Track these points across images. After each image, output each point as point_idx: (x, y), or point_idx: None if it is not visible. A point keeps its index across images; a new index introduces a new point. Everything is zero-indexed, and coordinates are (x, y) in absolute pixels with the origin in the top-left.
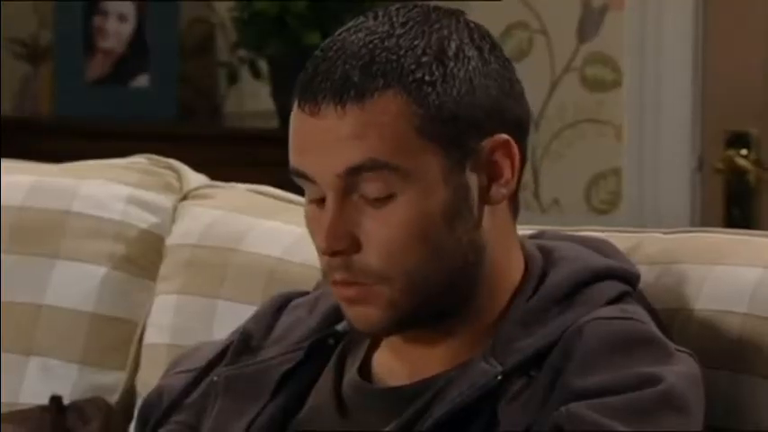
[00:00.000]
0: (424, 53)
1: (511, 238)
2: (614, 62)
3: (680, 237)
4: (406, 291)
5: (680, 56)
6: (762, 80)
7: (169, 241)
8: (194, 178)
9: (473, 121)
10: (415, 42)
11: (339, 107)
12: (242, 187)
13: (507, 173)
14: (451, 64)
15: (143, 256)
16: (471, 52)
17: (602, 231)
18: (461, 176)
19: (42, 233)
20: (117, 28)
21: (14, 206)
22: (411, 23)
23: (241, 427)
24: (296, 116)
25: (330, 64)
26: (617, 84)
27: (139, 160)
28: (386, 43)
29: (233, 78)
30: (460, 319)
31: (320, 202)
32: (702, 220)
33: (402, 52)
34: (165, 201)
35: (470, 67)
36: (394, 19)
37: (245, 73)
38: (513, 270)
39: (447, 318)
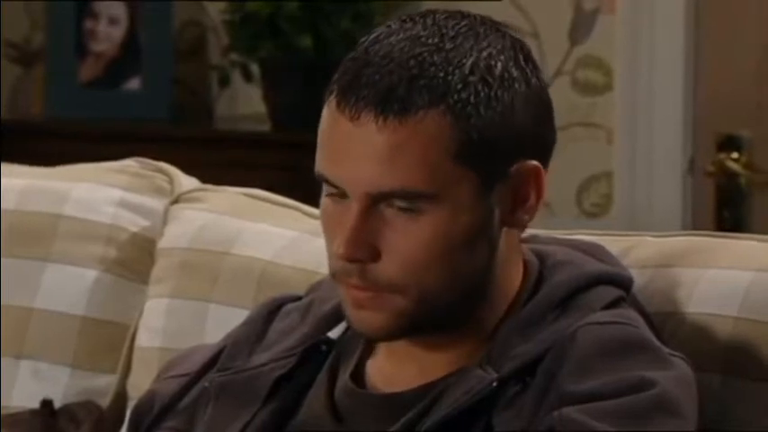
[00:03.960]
0: (471, 72)
1: (517, 251)
2: (606, 65)
3: (671, 240)
4: (417, 302)
5: (671, 59)
6: (753, 83)
7: (160, 244)
8: (186, 181)
9: (508, 146)
10: (464, 60)
11: (380, 118)
12: (233, 190)
13: (533, 199)
14: (496, 85)
15: (134, 259)
16: (516, 73)
17: (594, 235)
18: (489, 200)
19: (33, 236)
20: (109, 30)
21: (6, 209)
22: (461, 39)
23: None
24: (332, 117)
25: (375, 70)
26: (608, 87)
27: (131, 163)
28: (435, 57)
29: (224, 81)
30: (461, 328)
31: (340, 195)
32: (694, 223)
33: (450, 69)
34: (157, 204)
35: (514, 90)
36: (443, 31)
37: (237, 76)
38: (514, 279)
39: (449, 327)
